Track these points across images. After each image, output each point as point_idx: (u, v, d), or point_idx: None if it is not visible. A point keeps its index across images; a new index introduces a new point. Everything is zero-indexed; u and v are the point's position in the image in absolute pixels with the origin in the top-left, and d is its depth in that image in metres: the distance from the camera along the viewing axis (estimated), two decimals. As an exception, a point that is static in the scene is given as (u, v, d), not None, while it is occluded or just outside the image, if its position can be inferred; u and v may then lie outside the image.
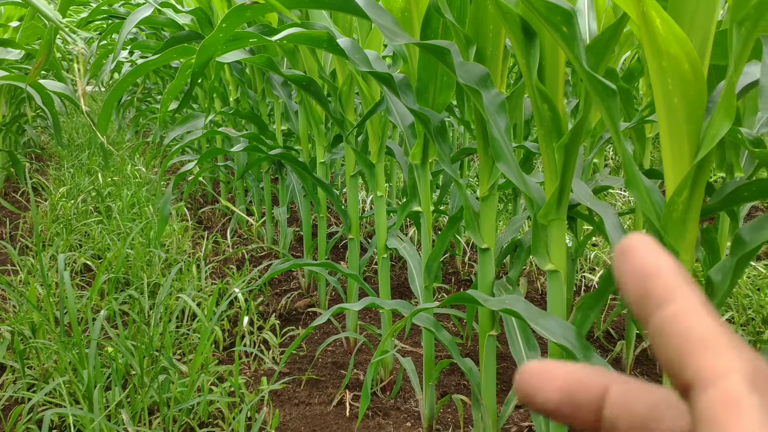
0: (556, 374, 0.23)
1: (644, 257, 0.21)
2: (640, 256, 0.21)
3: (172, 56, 1.59)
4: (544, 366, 0.23)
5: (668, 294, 0.21)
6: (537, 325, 0.99)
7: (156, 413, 1.57)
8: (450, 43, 1.08)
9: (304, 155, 2.25)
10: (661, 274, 0.21)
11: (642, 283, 0.21)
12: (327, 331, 2.13)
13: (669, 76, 0.77)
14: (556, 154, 1.01)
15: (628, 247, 0.22)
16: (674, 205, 0.80)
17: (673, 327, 0.20)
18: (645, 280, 0.21)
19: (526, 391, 0.23)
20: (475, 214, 1.28)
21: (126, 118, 5.49)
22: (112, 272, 2.22)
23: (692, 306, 0.20)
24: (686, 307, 0.20)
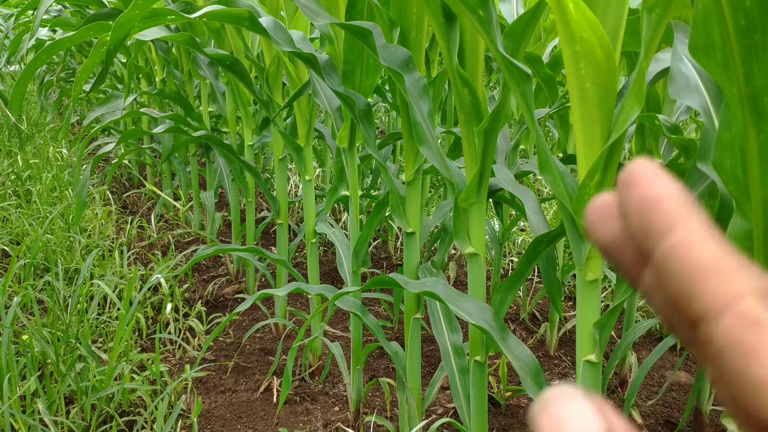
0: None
1: (647, 186, 0.20)
2: (643, 185, 0.20)
3: (90, 33, 1.53)
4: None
5: (671, 224, 0.19)
6: (456, 307, 0.99)
7: (74, 402, 1.52)
8: (373, 24, 1.07)
9: (232, 138, 2.21)
10: (663, 203, 0.20)
11: (645, 214, 0.20)
12: (256, 318, 2.10)
13: (581, 60, 0.78)
14: (476, 138, 1.01)
15: (631, 176, 0.20)
16: (586, 189, 0.82)
17: (677, 258, 0.19)
18: (648, 211, 0.20)
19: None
20: (400, 198, 1.28)
21: (49, 99, 5.27)
22: (29, 258, 2.13)
23: (695, 234, 0.19)
24: (689, 235, 0.19)
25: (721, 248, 0.19)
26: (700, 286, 0.19)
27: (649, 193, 0.20)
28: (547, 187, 3.37)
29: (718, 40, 0.58)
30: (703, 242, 0.19)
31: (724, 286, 0.18)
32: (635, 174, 0.20)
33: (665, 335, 2.01)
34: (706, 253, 0.19)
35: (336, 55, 1.41)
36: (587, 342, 0.88)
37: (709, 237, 0.19)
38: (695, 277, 0.19)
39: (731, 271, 0.19)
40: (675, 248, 0.19)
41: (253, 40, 1.96)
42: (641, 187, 0.20)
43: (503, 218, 2.02)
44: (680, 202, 0.20)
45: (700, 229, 0.19)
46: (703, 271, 0.19)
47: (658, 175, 0.20)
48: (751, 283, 0.18)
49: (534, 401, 0.20)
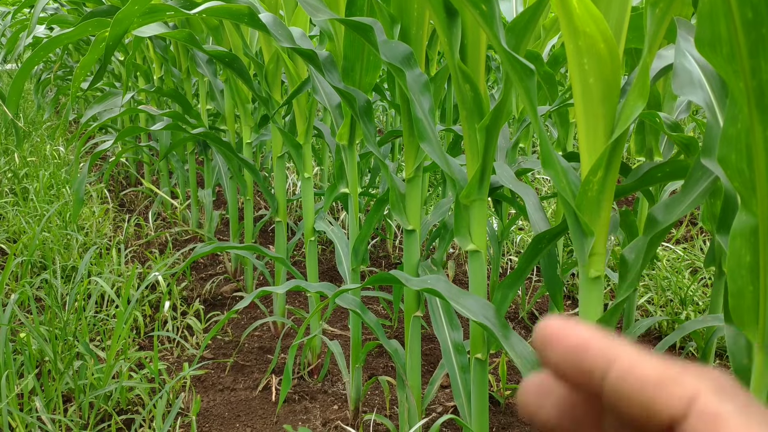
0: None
1: (569, 337, 0.22)
2: (565, 338, 0.22)
3: (87, 30, 1.51)
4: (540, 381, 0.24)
5: (608, 357, 0.21)
6: (457, 304, 0.99)
7: (72, 400, 1.52)
8: (373, 20, 1.06)
9: (230, 135, 2.20)
10: (591, 345, 0.22)
11: (580, 360, 0.22)
12: (254, 316, 2.10)
13: (585, 55, 0.78)
14: (478, 135, 1.01)
15: (548, 335, 0.22)
16: (589, 185, 0.81)
17: (627, 382, 0.21)
18: (582, 356, 0.22)
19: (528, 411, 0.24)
20: (401, 195, 1.28)
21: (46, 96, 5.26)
22: (26, 255, 2.12)
23: (633, 357, 0.21)
24: (629, 360, 0.21)
25: (661, 362, 0.21)
26: (655, 402, 0.20)
27: (574, 342, 0.22)
28: (546, 186, 3.37)
29: (725, 33, 0.57)
30: (644, 361, 0.21)
31: (678, 393, 0.20)
32: (551, 332, 0.22)
33: (665, 334, 2.01)
34: (651, 369, 0.21)
35: (336, 51, 1.40)
36: (589, 339, 0.87)
37: (646, 356, 0.21)
38: (650, 392, 0.20)
39: (679, 378, 0.20)
40: (622, 374, 0.21)
41: (252, 37, 1.95)
42: (565, 340, 0.22)
43: (502, 216, 2.01)
44: (606, 339, 0.22)
45: (635, 353, 0.21)
46: (655, 383, 0.20)
47: (571, 324, 0.22)
48: (701, 382, 0.20)
49: None
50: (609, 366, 0.21)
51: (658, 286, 2.24)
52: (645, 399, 0.20)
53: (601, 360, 0.21)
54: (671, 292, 2.21)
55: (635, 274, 0.87)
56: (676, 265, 2.39)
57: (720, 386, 0.20)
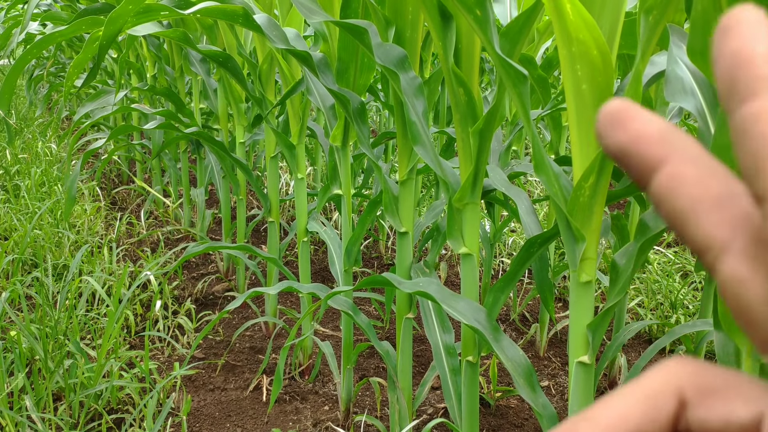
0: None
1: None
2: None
3: (81, 28, 1.51)
4: None
5: (756, 88, 0.17)
6: (449, 307, 0.99)
7: (62, 399, 1.51)
8: (368, 23, 1.06)
9: (223, 135, 2.20)
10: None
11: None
12: (245, 316, 2.09)
13: (578, 62, 0.78)
14: (471, 138, 1.01)
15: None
16: (581, 190, 0.82)
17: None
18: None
19: None
20: (394, 197, 1.28)
21: (39, 93, 5.23)
22: (17, 253, 2.11)
23: (687, 159, 0.18)
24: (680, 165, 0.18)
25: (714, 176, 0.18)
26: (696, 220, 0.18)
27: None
28: (538, 189, 3.38)
29: (717, 43, 0.58)
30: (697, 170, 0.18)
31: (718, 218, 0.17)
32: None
33: (655, 337, 2.02)
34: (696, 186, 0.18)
35: (330, 53, 1.40)
36: (580, 343, 0.88)
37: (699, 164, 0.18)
38: (765, 152, 0.17)
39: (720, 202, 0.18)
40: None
41: (246, 37, 1.95)
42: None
43: (495, 219, 2.02)
44: (660, 133, 0.19)
45: (691, 154, 0.18)
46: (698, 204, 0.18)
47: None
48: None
49: (525, 400, 0.20)
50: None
51: (649, 290, 2.25)
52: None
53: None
54: (662, 295, 2.22)
55: (626, 279, 0.88)
56: (667, 268, 2.41)
57: None
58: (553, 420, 0.98)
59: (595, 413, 0.18)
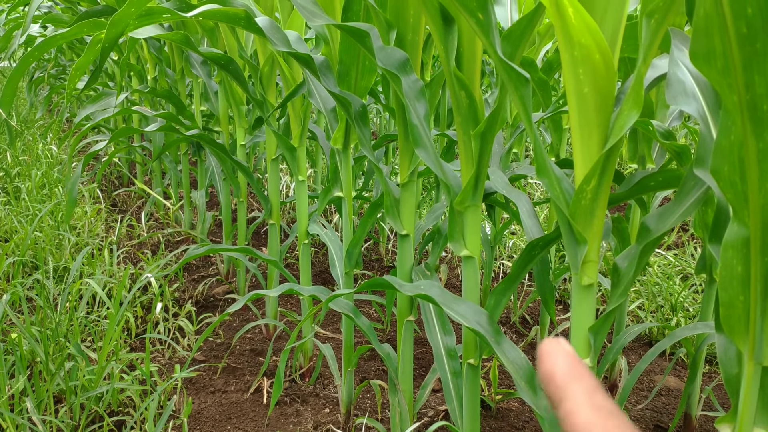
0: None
1: (545, 364, 0.26)
2: (543, 363, 0.26)
3: (83, 30, 1.51)
4: None
5: (561, 394, 0.25)
6: (451, 310, 0.99)
7: (63, 401, 1.51)
8: (370, 26, 1.06)
9: (224, 137, 2.20)
10: (554, 378, 0.26)
11: (549, 386, 0.26)
12: (246, 319, 2.09)
13: (580, 65, 0.78)
14: (473, 141, 1.01)
15: (540, 353, 0.27)
16: (583, 193, 0.82)
17: (567, 424, 0.25)
18: (549, 384, 0.26)
19: None
20: (395, 200, 1.28)
21: (39, 95, 5.24)
22: (18, 255, 2.11)
23: (576, 402, 0.25)
24: (572, 404, 0.25)
25: (597, 413, 0.24)
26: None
27: (547, 369, 0.26)
28: (538, 192, 3.38)
29: (719, 47, 0.58)
30: (582, 410, 0.25)
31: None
32: (541, 353, 0.27)
33: (655, 340, 2.02)
34: (583, 420, 0.24)
35: (331, 56, 1.40)
36: (582, 346, 0.88)
37: (588, 403, 0.25)
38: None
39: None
40: (564, 416, 0.25)
41: (247, 40, 1.95)
42: (543, 365, 0.26)
43: (495, 221, 2.02)
44: (569, 375, 0.26)
45: (582, 398, 0.25)
46: None
47: (557, 352, 0.26)
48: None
49: (527, 403, 0.29)
50: (562, 401, 0.25)
51: (649, 292, 2.25)
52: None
53: (559, 393, 0.25)
54: (662, 298, 2.22)
55: (628, 282, 0.88)
56: (667, 271, 2.41)
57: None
58: (554, 423, 0.98)
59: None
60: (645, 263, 0.92)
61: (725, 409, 1.64)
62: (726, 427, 0.77)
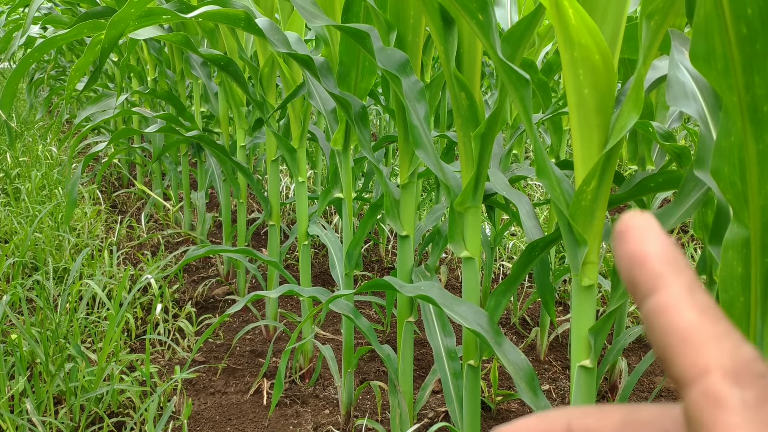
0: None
1: (634, 242, 0.21)
2: (631, 241, 0.21)
3: (83, 31, 1.51)
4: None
5: (653, 284, 0.20)
6: (451, 311, 0.99)
7: (63, 403, 1.51)
8: (370, 27, 1.07)
9: (224, 138, 2.20)
10: (647, 262, 0.20)
11: (631, 271, 0.20)
12: (246, 320, 2.09)
13: (580, 66, 0.78)
14: (473, 142, 1.01)
15: (621, 231, 0.21)
16: (583, 194, 0.82)
17: (656, 321, 0.19)
18: (634, 269, 0.20)
19: None
20: (395, 201, 1.28)
21: (39, 96, 5.24)
22: (18, 256, 2.11)
23: (674, 297, 0.19)
24: (668, 298, 0.19)
25: (701, 314, 0.19)
26: (674, 354, 0.19)
27: (637, 249, 0.20)
28: (538, 193, 3.38)
29: (719, 48, 0.58)
30: (682, 307, 0.19)
31: (693, 358, 0.19)
32: (626, 228, 0.21)
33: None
34: (683, 320, 0.19)
35: (331, 57, 1.40)
36: (582, 347, 0.88)
37: (690, 301, 0.19)
38: (671, 344, 0.19)
39: (704, 342, 0.19)
40: (655, 311, 0.19)
41: (247, 41, 1.95)
42: (630, 243, 0.20)
43: (495, 222, 2.02)
44: (666, 262, 0.20)
45: (681, 292, 0.19)
46: (678, 339, 0.19)
47: (648, 230, 0.21)
48: (721, 358, 0.18)
49: (527, 405, 0.23)
50: (651, 293, 0.20)
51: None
52: (664, 347, 0.19)
53: (648, 282, 0.20)
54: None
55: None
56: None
57: (743, 369, 0.18)
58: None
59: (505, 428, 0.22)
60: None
61: (725, 410, 1.63)
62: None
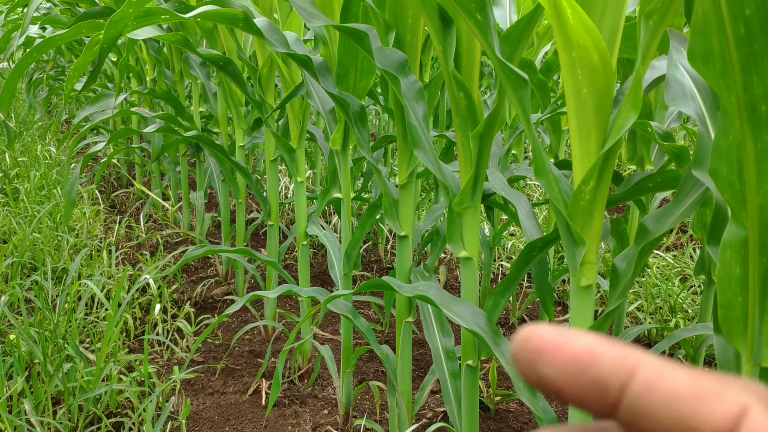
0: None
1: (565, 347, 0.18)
2: (561, 349, 0.18)
3: (81, 31, 1.51)
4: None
5: (621, 370, 0.18)
6: (449, 311, 0.99)
7: (61, 403, 1.51)
8: (368, 27, 1.07)
9: (223, 138, 2.20)
10: (600, 356, 0.18)
11: (584, 377, 0.18)
12: (245, 320, 2.09)
13: (578, 66, 0.78)
14: (471, 142, 1.01)
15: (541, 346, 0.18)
16: (581, 194, 0.82)
17: (654, 399, 0.17)
18: (586, 372, 0.18)
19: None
20: (394, 201, 1.28)
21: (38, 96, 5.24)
22: (16, 256, 2.11)
23: (656, 368, 0.18)
24: (652, 372, 0.18)
25: (688, 371, 0.18)
26: (695, 416, 0.17)
27: (577, 352, 0.18)
28: (537, 193, 3.38)
29: (717, 48, 0.58)
30: (672, 373, 0.18)
31: (721, 408, 0.17)
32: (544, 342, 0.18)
33: (654, 341, 2.02)
34: (684, 382, 0.17)
35: (330, 57, 1.40)
36: (580, 347, 0.88)
37: (670, 366, 0.18)
38: (685, 410, 0.17)
39: (720, 390, 0.17)
40: (647, 391, 0.18)
41: (246, 41, 1.95)
42: (565, 351, 0.18)
43: (494, 222, 2.02)
44: (613, 348, 0.18)
45: (657, 361, 0.18)
46: (692, 400, 0.17)
47: (565, 334, 0.18)
48: (745, 397, 0.17)
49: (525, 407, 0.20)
50: (628, 379, 0.18)
51: (648, 294, 2.25)
52: (680, 415, 0.17)
53: (617, 372, 0.18)
54: (661, 299, 2.22)
55: (626, 284, 0.88)
56: (666, 272, 2.41)
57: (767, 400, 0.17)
58: (553, 424, 0.98)
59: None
60: (644, 264, 0.92)
61: (724, 410, 1.64)
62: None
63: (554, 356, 0.18)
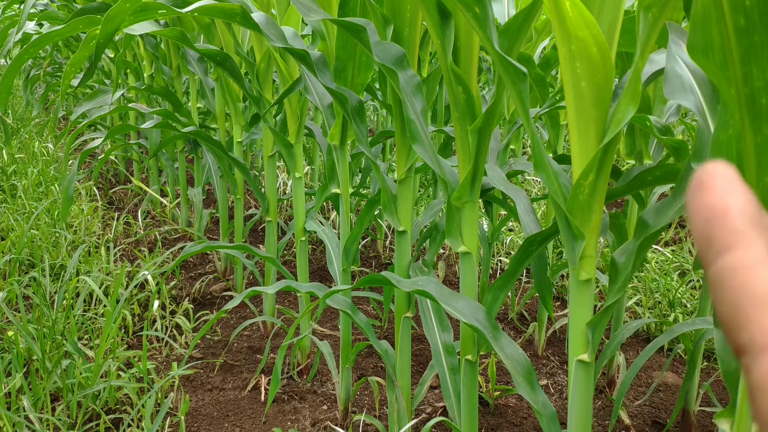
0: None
1: (716, 193, 0.18)
2: (711, 192, 0.18)
3: (78, 27, 1.51)
4: None
5: (732, 240, 0.18)
6: (448, 306, 0.99)
7: (60, 399, 1.51)
8: (366, 21, 1.06)
9: (221, 134, 2.20)
10: (728, 216, 0.18)
11: (708, 224, 0.18)
12: (243, 316, 2.09)
13: (577, 59, 0.78)
14: (470, 137, 1.01)
15: (702, 180, 0.19)
16: (580, 188, 0.82)
17: (731, 281, 0.17)
18: (712, 222, 0.18)
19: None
20: (392, 196, 1.28)
21: (35, 93, 5.23)
22: (14, 253, 2.10)
23: (755, 257, 0.17)
24: (748, 258, 0.17)
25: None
26: (747, 317, 0.17)
27: (718, 201, 0.18)
28: (536, 188, 3.38)
29: (717, 40, 0.58)
30: (763, 269, 0.17)
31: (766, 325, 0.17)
32: (709, 177, 0.19)
33: (653, 336, 2.02)
34: (761, 282, 0.17)
35: (328, 51, 1.40)
36: (580, 341, 0.88)
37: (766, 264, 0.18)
38: (744, 306, 0.17)
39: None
40: (730, 270, 0.18)
41: (243, 36, 1.94)
42: (711, 194, 0.19)
43: (493, 218, 2.01)
44: (749, 218, 0.18)
45: (763, 253, 0.18)
46: (753, 301, 0.17)
47: (733, 182, 0.19)
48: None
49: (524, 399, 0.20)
50: (728, 249, 0.18)
51: (647, 288, 2.25)
52: (735, 308, 0.17)
53: (726, 238, 0.18)
54: (660, 294, 2.22)
55: (625, 278, 0.88)
56: (665, 267, 2.41)
57: None
58: (552, 419, 0.98)
59: None
60: (643, 259, 0.92)
61: (723, 405, 1.64)
62: (725, 421, 0.77)
63: (703, 194, 0.19)
